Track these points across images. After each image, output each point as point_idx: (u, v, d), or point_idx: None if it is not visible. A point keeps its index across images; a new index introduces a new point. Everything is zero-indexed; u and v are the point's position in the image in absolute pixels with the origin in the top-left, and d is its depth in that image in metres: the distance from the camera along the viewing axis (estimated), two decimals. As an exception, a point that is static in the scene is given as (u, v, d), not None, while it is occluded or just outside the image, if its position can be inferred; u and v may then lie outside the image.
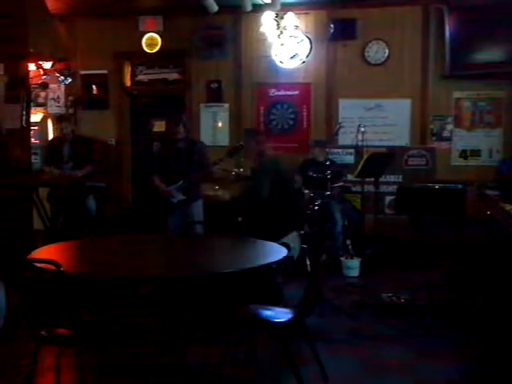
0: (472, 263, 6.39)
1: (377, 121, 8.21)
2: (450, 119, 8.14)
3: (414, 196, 5.43)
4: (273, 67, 8.37)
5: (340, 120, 8.10)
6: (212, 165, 6.36)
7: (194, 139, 6.85)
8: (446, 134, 8.16)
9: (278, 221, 5.47)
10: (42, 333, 3.34)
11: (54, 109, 9.09)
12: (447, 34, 7.79)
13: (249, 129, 6.41)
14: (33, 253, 3.67)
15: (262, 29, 7.96)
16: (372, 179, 6.62)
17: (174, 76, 9.03)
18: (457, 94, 8.09)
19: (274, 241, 4.50)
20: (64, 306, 3.44)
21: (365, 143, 7.03)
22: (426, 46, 8.11)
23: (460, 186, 5.57)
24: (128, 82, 9.16)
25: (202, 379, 3.87)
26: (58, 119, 7.49)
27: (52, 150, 7.29)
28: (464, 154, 8.11)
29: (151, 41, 8.73)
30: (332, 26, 8.12)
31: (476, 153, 8.08)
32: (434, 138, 8.20)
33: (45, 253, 3.74)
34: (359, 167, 6.54)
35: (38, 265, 3.30)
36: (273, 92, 8.54)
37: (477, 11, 7.69)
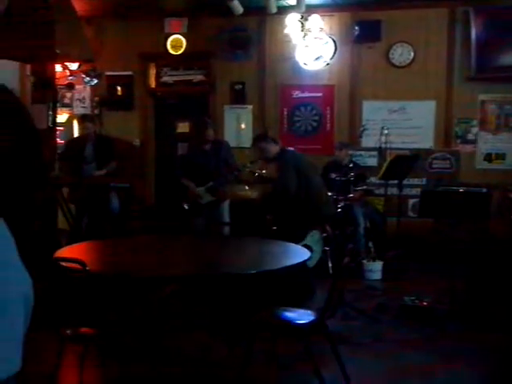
0: (496, 267, 6.34)
1: (401, 123, 8.17)
2: (474, 122, 8.08)
3: (438, 199, 5.40)
4: (297, 69, 8.38)
5: (364, 122, 8.08)
6: (242, 166, 6.42)
7: (219, 140, 6.90)
8: (470, 136, 8.09)
9: (303, 216, 5.53)
10: (67, 332, 3.39)
11: (79, 109, 9.19)
12: (473, 36, 7.73)
13: (257, 135, 6.26)
14: (58, 252, 3.72)
15: (286, 31, 7.97)
16: (395, 182, 6.60)
17: (198, 77, 9.08)
18: (482, 97, 8.02)
19: (301, 236, 4.51)
20: (89, 305, 3.48)
21: (388, 145, 7.01)
22: (452, 48, 8.05)
23: (484, 190, 5.55)
24: (153, 84, 9.23)
25: (222, 379, 3.90)
26: (82, 119, 7.56)
27: (71, 148, 7.33)
28: (489, 158, 8.03)
29: (176, 42, 8.79)
30: (357, 28, 8.10)
31: (501, 156, 8.00)
32: (458, 141, 8.14)
33: (70, 252, 3.80)
34: (383, 169, 6.52)
35: (64, 264, 3.34)
36: (296, 94, 8.54)
37: (503, 14, 7.64)
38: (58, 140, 8.05)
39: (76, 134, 8.95)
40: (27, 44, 6.54)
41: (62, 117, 8.93)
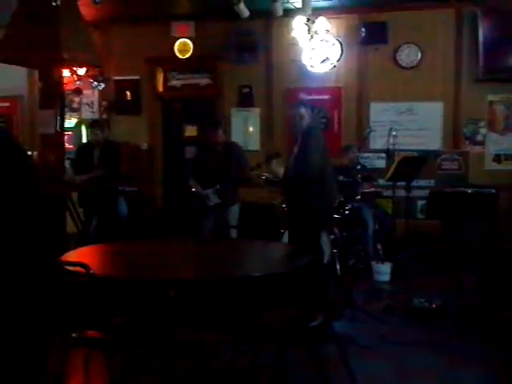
0: (505, 269, 6.30)
1: (409, 124, 8.15)
2: (483, 123, 8.04)
3: (445, 200, 5.37)
4: (304, 71, 8.36)
5: (371, 124, 8.07)
6: (250, 170, 6.36)
7: (231, 142, 6.89)
8: (479, 137, 8.06)
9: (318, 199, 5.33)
10: (73, 335, 3.39)
11: (87, 114, 9.25)
12: (480, 37, 7.71)
13: (299, 102, 6.38)
14: (64, 256, 3.72)
15: (292, 33, 7.93)
16: (404, 183, 6.57)
17: (205, 81, 9.10)
18: (490, 97, 7.99)
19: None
20: (95, 308, 3.48)
21: (396, 147, 6.98)
22: (459, 49, 8.03)
23: (493, 191, 5.50)
24: (160, 88, 9.25)
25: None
26: (90, 125, 7.59)
27: (81, 154, 7.36)
28: (498, 159, 8.00)
29: (183, 46, 8.81)
30: (363, 29, 8.09)
31: (510, 157, 7.97)
32: (467, 142, 8.10)
33: (76, 255, 3.80)
34: (391, 171, 6.49)
35: (68, 267, 3.34)
36: (303, 96, 8.52)
37: (511, 14, 7.60)
38: (68, 145, 8.07)
39: (84, 139, 8.99)
40: (35, 50, 6.55)
41: (70, 122, 8.98)
